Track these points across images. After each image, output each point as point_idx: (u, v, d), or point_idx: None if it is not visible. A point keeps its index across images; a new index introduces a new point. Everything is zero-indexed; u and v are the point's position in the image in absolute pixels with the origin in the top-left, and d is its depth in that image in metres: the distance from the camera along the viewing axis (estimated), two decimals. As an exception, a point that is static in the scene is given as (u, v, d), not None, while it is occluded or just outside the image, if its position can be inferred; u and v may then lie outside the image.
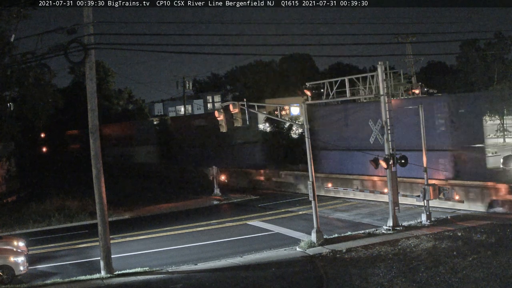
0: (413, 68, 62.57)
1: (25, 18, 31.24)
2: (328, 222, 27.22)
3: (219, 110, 27.02)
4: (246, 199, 38.31)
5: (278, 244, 23.33)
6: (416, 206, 27.87)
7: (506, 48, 67.56)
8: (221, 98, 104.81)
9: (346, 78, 25.51)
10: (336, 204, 32.64)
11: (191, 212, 35.07)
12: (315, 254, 20.99)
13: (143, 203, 38.97)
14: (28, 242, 24.94)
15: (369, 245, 21.51)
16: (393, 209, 24.17)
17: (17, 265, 20.29)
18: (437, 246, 20.51)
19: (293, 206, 32.90)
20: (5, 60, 30.79)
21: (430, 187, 24.88)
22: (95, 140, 20.28)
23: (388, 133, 24.21)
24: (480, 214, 26.16)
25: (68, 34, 19.17)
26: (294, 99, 58.47)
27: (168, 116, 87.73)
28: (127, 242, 26.62)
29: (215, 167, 40.57)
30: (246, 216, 31.13)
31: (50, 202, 36.72)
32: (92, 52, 19.89)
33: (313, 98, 26.10)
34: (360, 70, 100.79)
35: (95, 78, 20.42)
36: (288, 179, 40.22)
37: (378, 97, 25.07)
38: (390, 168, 24.06)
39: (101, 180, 20.27)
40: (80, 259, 23.82)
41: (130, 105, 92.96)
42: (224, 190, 40.65)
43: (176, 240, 26.28)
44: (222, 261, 21.13)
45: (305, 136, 23.73)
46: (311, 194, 23.12)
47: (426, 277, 16.95)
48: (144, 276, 19.59)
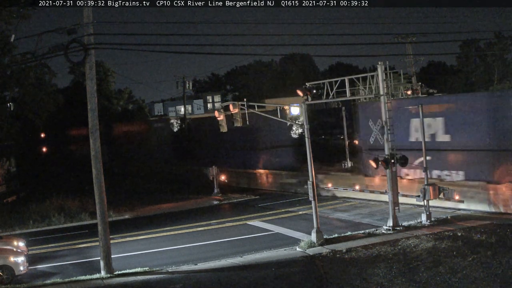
0: (413, 68, 62.62)
1: (25, 18, 31.32)
2: (328, 222, 27.22)
3: (219, 110, 27.05)
4: (246, 199, 38.33)
5: (278, 244, 23.32)
6: (416, 206, 27.88)
7: (506, 48, 67.62)
8: (221, 98, 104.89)
9: (346, 78, 25.50)
10: (336, 204, 32.64)
11: (191, 212, 35.10)
12: (315, 254, 20.99)
13: (143, 203, 38.99)
14: (28, 242, 24.93)
15: (369, 245, 21.50)
16: (393, 209, 24.18)
17: (17, 265, 20.29)
18: (437, 246, 20.51)
19: (293, 206, 32.90)
20: (5, 60, 30.83)
21: (430, 187, 24.87)
22: (95, 140, 20.28)
23: (388, 133, 24.24)
24: (480, 214, 26.14)
25: (68, 34, 19.17)
26: (294, 99, 58.39)
27: (168, 116, 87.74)
28: (127, 242, 26.63)
29: (215, 167, 40.56)
30: (246, 216, 31.13)
31: (50, 202, 36.70)
32: (92, 52, 19.89)
33: (313, 98, 26.08)
34: (360, 70, 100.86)
35: (95, 78, 20.41)
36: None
37: (378, 97, 25.08)
38: (390, 168, 24.07)
39: (101, 180, 20.28)
40: (80, 259, 23.82)
41: (130, 105, 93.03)
42: (224, 190, 40.67)
43: (176, 240, 26.28)
44: (222, 261, 21.12)
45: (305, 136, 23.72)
46: (311, 194, 23.12)
47: (426, 277, 16.95)
48: (144, 276, 19.59)
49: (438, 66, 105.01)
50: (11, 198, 43.69)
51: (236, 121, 25.91)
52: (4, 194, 43.03)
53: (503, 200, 25.52)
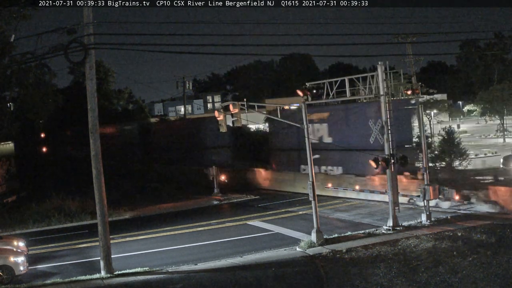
0: (413, 68, 62.65)
1: (25, 18, 31.29)
2: (328, 222, 27.21)
3: (219, 110, 27.02)
4: (246, 199, 38.30)
5: (278, 244, 23.32)
6: (416, 206, 27.89)
7: (506, 48, 67.58)
8: (221, 98, 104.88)
9: (346, 78, 25.50)
10: (336, 204, 32.63)
11: (191, 212, 35.09)
12: (315, 254, 20.99)
13: (143, 203, 38.96)
14: (28, 242, 24.92)
15: (369, 245, 21.50)
16: (393, 209, 24.17)
17: (17, 265, 20.28)
18: (437, 246, 20.51)
19: (293, 206, 32.89)
20: (5, 60, 30.81)
21: (430, 187, 24.87)
22: (95, 140, 20.28)
23: (388, 133, 24.23)
24: (480, 214, 26.14)
25: (68, 34, 19.16)
26: (294, 99, 58.35)
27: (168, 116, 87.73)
28: (127, 242, 26.62)
29: (215, 167, 40.51)
30: (246, 216, 31.12)
31: (50, 202, 36.63)
32: (92, 52, 19.88)
33: (313, 98, 26.09)
34: (360, 70, 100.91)
35: (95, 78, 20.41)
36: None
37: (378, 97, 25.07)
38: (390, 168, 24.06)
39: (101, 180, 20.27)
40: (80, 259, 23.81)
41: (130, 105, 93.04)
42: (224, 190, 40.64)
43: (176, 240, 26.28)
44: (222, 261, 21.12)
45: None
46: (311, 194, 23.12)
47: (426, 277, 16.95)
48: (144, 276, 19.58)
49: (438, 66, 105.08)
50: (11, 198, 43.65)
51: (236, 121, 25.89)
52: (4, 194, 43.00)
53: (372, 186, 32.20)
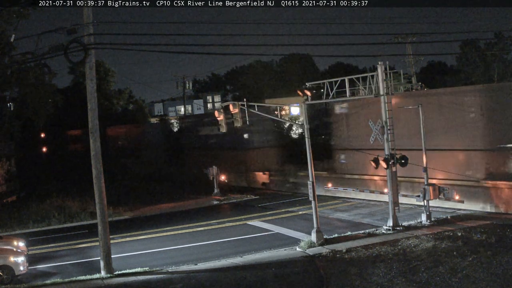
0: (413, 68, 62.55)
1: (25, 18, 31.26)
2: (328, 222, 27.21)
3: (219, 110, 27.01)
4: (246, 199, 38.32)
5: (278, 244, 23.33)
6: (416, 206, 27.88)
7: (506, 48, 67.52)
8: (221, 98, 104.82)
9: (346, 78, 25.48)
10: (336, 204, 32.64)
11: (191, 212, 35.09)
12: (315, 254, 20.99)
13: (143, 203, 38.99)
14: (28, 242, 24.94)
15: (369, 245, 21.51)
16: (393, 209, 24.17)
17: (17, 265, 20.30)
18: (437, 246, 20.51)
19: (293, 206, 32.91)
20: (5, 60, 30.79)
21: (430, 187, 24.87)
22: (95, 140, 20.28)
23: (388, 133, 24.23)
24: (480, 214, 26.15)
25: (68, 34, 19.16)
26: (294, 99, 58.33)
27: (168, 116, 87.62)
28: (127, 242, 26.63)
29: (215, 167, 40.52)
30: (246, 216, 31.12)
31: (50, 202, 36.71)
32: (92, 52, 19.89)
33: (313, 98, 26.08)
34: (360, 70, 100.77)
35: (95, 78, 20.42)
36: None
37: (377, 97, 25.05)
38: (390, 168, 24.05)
39: (101, 180, 20.27)
40: (80, 259, 23.83)
41: (130, 105, 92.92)
42: (224, 190, 40.65)
43: (176, 240, 26.28)
44: (222, 261, 21.13)
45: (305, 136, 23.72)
46: (311, 194, 23.12)
47: (426, 277, 16.95)
48: (144, 276, 19.59)
49: (438, 66, 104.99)
50: (11, 198, 43.71)
51: (236, 121, 25.89)
52: (4, 194, 43.04)
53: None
